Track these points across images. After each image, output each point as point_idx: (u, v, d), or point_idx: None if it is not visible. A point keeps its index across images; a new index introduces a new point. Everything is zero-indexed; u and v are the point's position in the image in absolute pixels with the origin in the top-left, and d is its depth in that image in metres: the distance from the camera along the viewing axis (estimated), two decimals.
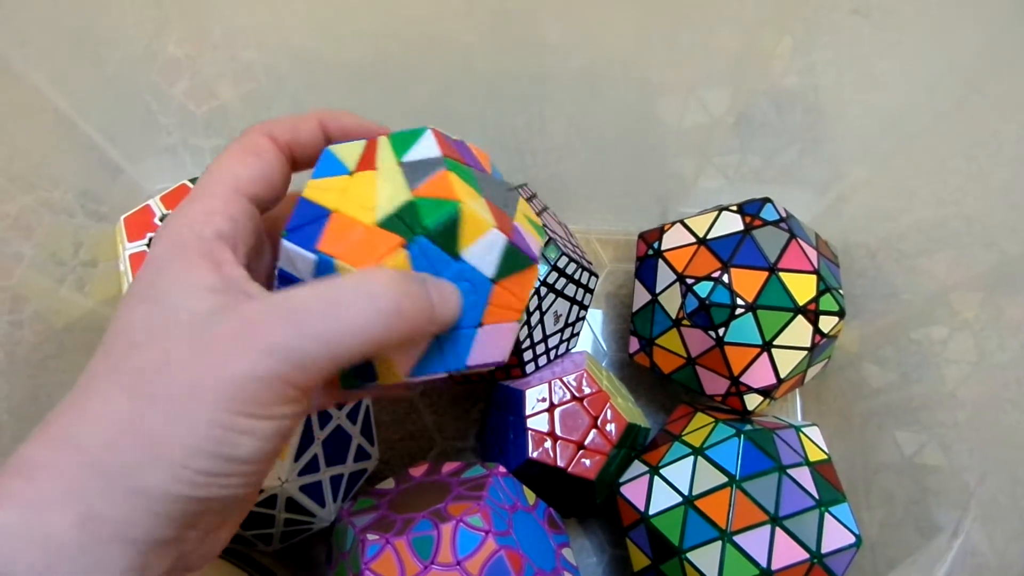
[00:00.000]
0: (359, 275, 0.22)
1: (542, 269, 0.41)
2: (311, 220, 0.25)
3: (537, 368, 0.44)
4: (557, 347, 0.45)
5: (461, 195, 0.24)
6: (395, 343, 0.23)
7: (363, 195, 0.25)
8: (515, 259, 0.26)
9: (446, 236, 0.24)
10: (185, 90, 0.45)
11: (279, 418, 0.21)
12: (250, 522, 0.38)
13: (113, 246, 0.45)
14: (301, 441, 0.37)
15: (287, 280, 0.25)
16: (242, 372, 0.20)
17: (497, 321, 0.26)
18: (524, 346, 0.42)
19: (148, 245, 0.42)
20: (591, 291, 0.45)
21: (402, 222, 0.24)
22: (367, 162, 0.26)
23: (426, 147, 0.26)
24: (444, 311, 0.24)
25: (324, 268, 0.24)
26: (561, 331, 0.44)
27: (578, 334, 0.47)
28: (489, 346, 0.26)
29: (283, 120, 0.27)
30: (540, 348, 0.43)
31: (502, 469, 0.39)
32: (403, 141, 0.26)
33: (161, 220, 0.43)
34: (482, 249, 0.25)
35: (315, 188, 0.25)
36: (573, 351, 0.47)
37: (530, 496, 0.40)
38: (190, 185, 0.44)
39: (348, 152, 0.26)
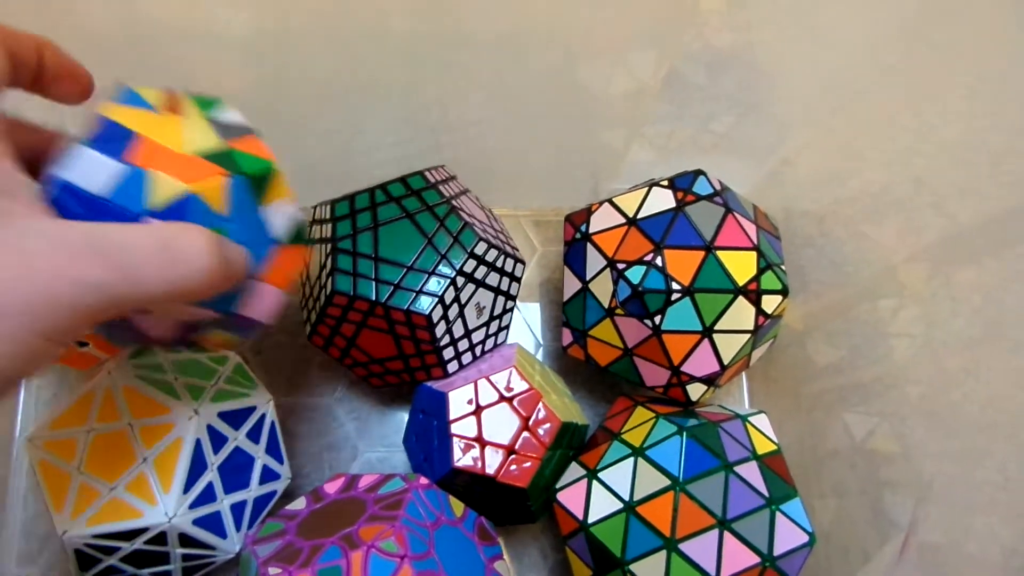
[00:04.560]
0: (185, 228, 0.23)
1: (457, 258, 0.37)
2: (114, 137, 0.24)
3: (461, 367, 0.40)
4: (483, 342, 0.41)
5: (273, 158, 0.28)
6: (203, 297, 0.23)
7: (171, 131, 0.25)
8: (299, 234, 0.29)
9: (259, 186, 0.27)
10: None
11: (60, 346, 0.21)
12: (144, 560, 0.34)
13: None
14: (191, 470, 0.33)
15: (71, 193, 0.23)
16: (57, 295, 0.20)
17: (271, 282, 0.28)
18: (443, 342, 0.38)
19: None
20: (518, 280, 0.41)
21: (219, 162, 0.25)
22: (172, 107, 0.26)
23: (231, 115, 0.28)
24: (238, 269, 0.25)
25: (133, 180, 0.24)
26: (486, 325, 0.40)
27: (507, 327, 0.43)
28: (258, 303, 0.28)
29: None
30: (463, 345, 0.39)
31: (424, 481, 0.36)
32: (206, 103, 0.28)
33: None
34: (280, 211, 0.28)
35: (116, 112, 0.25)
36: (504, 345, 0.44)
37: (457, 507, 0.36)
38: None
39: (148, 94, 0.26)
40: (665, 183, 0.39)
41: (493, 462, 0.37)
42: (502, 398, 0.38)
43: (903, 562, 0.34)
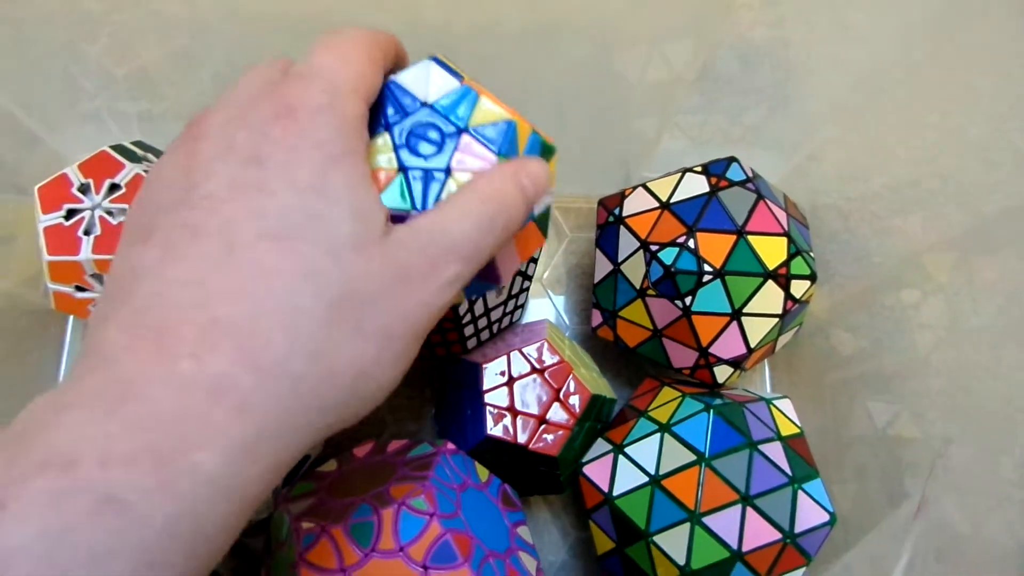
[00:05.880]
0: (496, 194, 0.23)
1: None
2: (452, 70, 0.26)
3: (479, 343, 0.42)
4: (500, 320, 0.42)
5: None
6: None
7: (487, 92, 0.27)
8: (545, 218, 0.30)
9: (544, 156, 0.28)
10: (105, 49, 0.41)
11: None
12: None
13: (33, 221, 0.41)
14: None
15: (401, 94, 0.25)
16: (428, 306, 0.21)
17: (517, 248, 0.29)
18: (465, 320, 0.39)
19: (66, 218, 0.38)
20: (535, 260, 0.43)
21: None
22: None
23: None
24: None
25: (465, 96, 0.26)
26: (504, 304, 0.42)
27: (523, 306, 0.44)
28: (507, 261, 0.28)
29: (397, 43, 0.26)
30: (482, 322, 0.41)
31: (451, 446, 0.37)
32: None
33: (80, 190, 0.39)
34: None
35: (445, 61, 0.27)
36: (534, 320, 0.45)
37: (482, 473, 0.37)
38: (111, 152, 0.41)
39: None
40: (699, 169, 0.41)
41: (525, 431, 0.38)
42: (534, 370, 0.39)
43: (918, 521, 0.34)
